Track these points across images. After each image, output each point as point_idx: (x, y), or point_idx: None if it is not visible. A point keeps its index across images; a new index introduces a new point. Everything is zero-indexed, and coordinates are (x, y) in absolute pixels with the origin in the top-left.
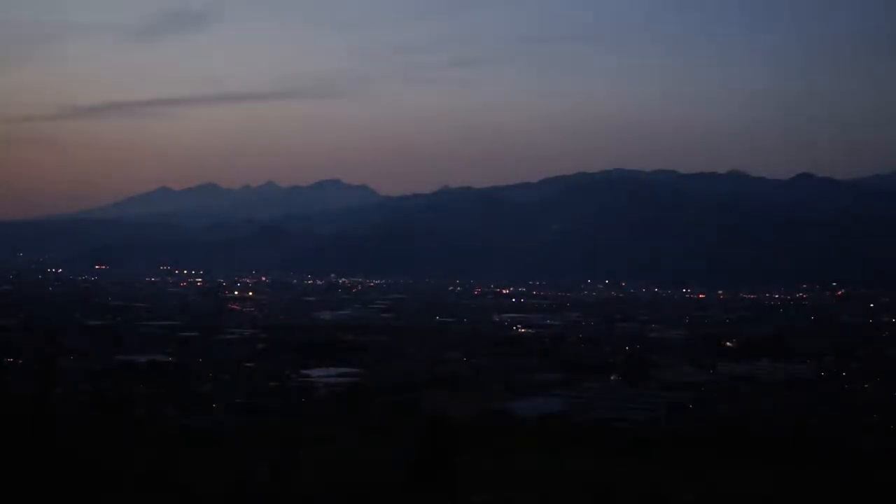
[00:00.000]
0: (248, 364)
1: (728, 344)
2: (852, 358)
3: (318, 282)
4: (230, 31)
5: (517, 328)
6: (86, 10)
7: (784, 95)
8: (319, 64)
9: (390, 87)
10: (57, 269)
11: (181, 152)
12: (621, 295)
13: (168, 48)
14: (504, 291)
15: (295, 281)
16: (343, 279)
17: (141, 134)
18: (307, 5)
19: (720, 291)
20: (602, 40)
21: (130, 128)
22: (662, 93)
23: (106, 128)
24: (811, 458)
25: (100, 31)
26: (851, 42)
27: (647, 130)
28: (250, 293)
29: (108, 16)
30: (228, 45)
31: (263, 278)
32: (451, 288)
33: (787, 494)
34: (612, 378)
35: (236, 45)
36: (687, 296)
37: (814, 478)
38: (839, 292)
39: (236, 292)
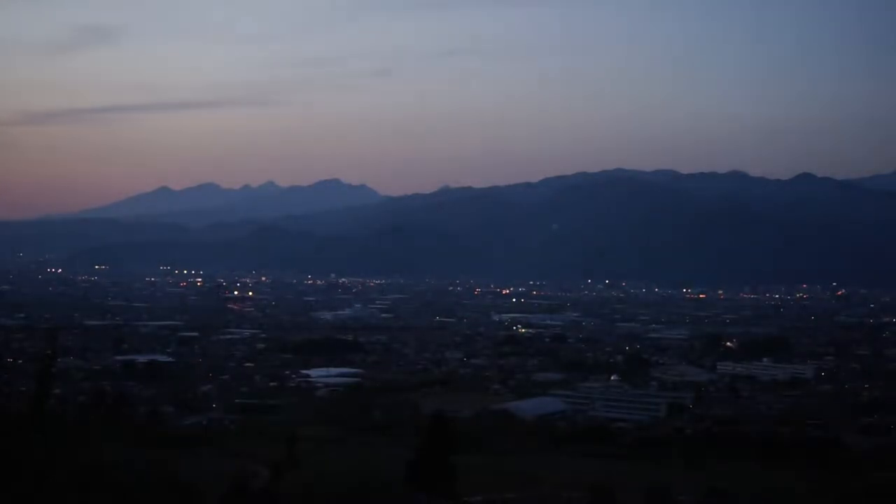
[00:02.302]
0: (248, 364)
1: (728, 344)
2: (852, 358)
3: (318, 282)
4: (146, 45)
5: (517, 328)
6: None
7: (784, 95)
8: (243, 74)
9: (316, 95)
10: (57, 269)
11: (181, 152)
12: (621, 295)
13: (92, 60)
14: (504, 291)
15: (295, 281)
16: (343, 279)
17: (134, 135)
18: (214, 21)
19: (720, 291)
20: (601, 41)
21: (93, 133)
22: (662, 93)
23: (71, 133)
24: (811, 458)
25: (15, 44)
26: (851, 42)
27: (647, 130)
28: (250, 293)
29: (20, 31)
30: (149, 58)
31: (263, 278)
32: (451, 288)
33: (786, 494)
34: (612, 378)
35: (155, 57)
36: (687, 296)
37: (813, 477)
38: (839, 292)
39: (236, 292)
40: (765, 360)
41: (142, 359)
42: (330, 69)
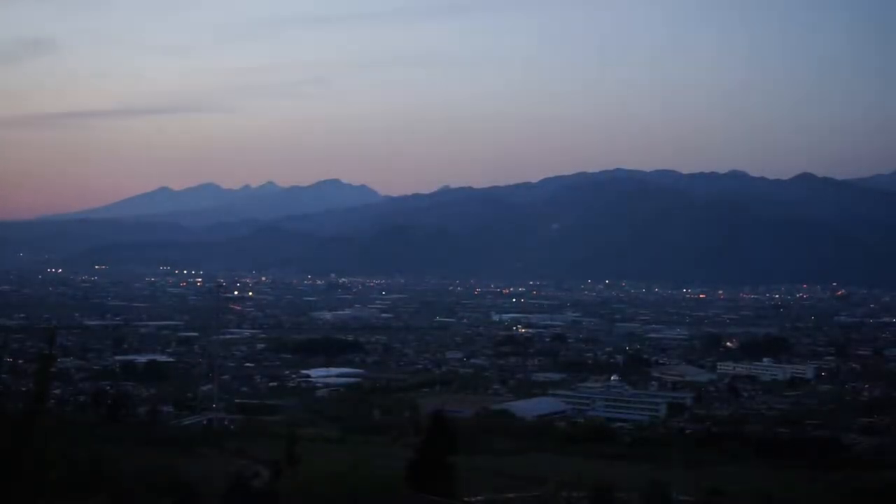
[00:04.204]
0: (249, 364)
1: (728, 344)
2: (852, 358)
3: (318, 282)
4: (86, 57)
5: (517, 328)
6: None
7: (784, 95)
8: (186, 83)
9: (261, 101)
10: (57, 269)
11: (181, 153)
12: (621, 295)
13: (36, 70)
14: (504, 291)
15: (295, 281)
16: (343, 279)
17: (132, 136)
18: (146, 33)
19: (720, 291)
20: (602, 42)
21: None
22: (662, 93)
23: (35, 138)
24: (811, 458)
25: None
26: (852, 42)
27: (647, 130)
28: (250, 293)
29: None
30: (91, 68)
31: (263, 278)
32: (451, 288)
33: (786, 494)
34: (612, 378)
35: (95, 68)
36: (687, 296)
37: (814, 477)
38: (839, 292)
39: (236, 292)
40: (765, 360)
41: (142, 359)
42: (269, 77)
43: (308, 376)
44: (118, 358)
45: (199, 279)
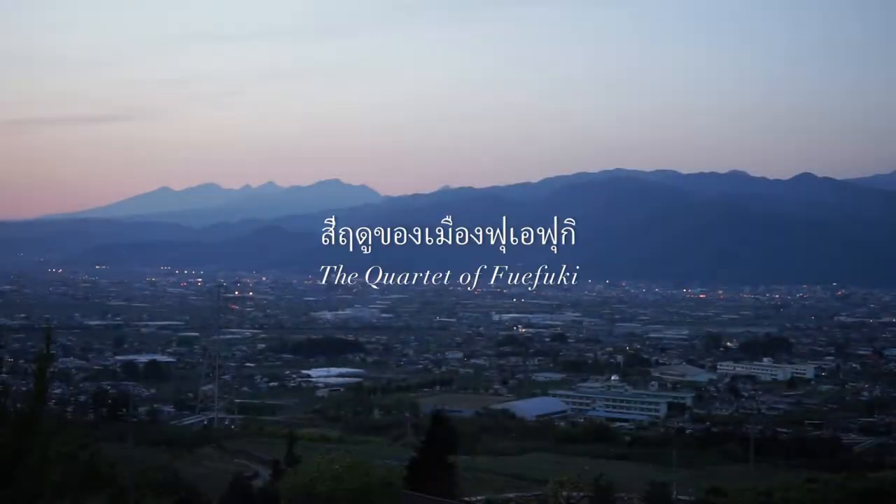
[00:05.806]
0: (249, 364)
1: (728, 344)
2: (852, 358)
3: (319, 282)
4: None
5: (517, 328)
6: None
7: (784, 95)
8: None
9: (197, 109)
10: (57, 269)
11: (182, 153)
12: (621, 295)
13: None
14: (504, 291)
15: (295, 281)
16: (343, 279)
17: (133, 136)
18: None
19: (720, 291)
20: (602, 41)
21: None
22: (662, 93)
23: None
24: (811, 458)
25: None
26: (852, 42)
27: (647, 130)
28: (250, 293)
29: None
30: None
31: (263, 278)
32: (451, 288)
33: (786, 494)
34: (612, 378)
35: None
36: (687, 296)
37: (814, 477)
38: (839, 292)
39: (236, 292)
40: (765, 359)
41: (142, 359)
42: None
43: (308, 376)
44: (119, 358)
45: (199, 279)
